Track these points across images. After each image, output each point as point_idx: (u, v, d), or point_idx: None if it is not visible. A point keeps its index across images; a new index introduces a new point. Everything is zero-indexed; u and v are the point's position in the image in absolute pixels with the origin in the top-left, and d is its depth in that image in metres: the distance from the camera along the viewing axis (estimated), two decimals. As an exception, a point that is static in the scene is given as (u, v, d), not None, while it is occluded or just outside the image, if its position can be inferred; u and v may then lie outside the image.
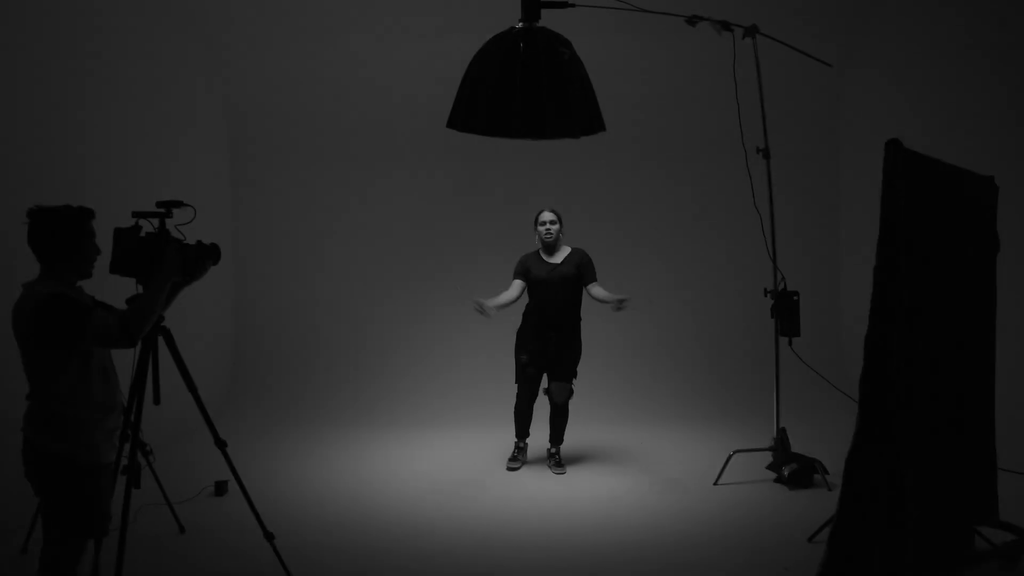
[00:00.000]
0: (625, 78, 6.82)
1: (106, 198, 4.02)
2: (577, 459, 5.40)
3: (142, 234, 3.09)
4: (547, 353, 5.05)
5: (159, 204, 3.20)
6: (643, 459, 5.42)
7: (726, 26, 4.79)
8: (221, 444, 3.38)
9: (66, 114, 4.92)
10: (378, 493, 4.77)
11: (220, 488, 4.68)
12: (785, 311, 4.81)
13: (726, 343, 7.03)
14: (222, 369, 6.85)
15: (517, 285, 5.15)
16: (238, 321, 7.06)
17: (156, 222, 3.16)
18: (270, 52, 6.90)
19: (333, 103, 6.99)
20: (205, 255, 3.19)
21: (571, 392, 5.13)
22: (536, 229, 5.18)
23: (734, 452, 4.98)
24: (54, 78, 4.81)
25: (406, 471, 5.21)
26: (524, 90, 4.18)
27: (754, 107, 4.98)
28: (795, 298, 4.81)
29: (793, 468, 4.77)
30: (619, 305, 4.95)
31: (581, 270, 5.11)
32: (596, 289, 5.11)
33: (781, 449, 4.92)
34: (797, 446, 5.09)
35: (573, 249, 5.19)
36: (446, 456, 5.55)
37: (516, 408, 5.20)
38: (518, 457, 5.24)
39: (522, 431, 5.23)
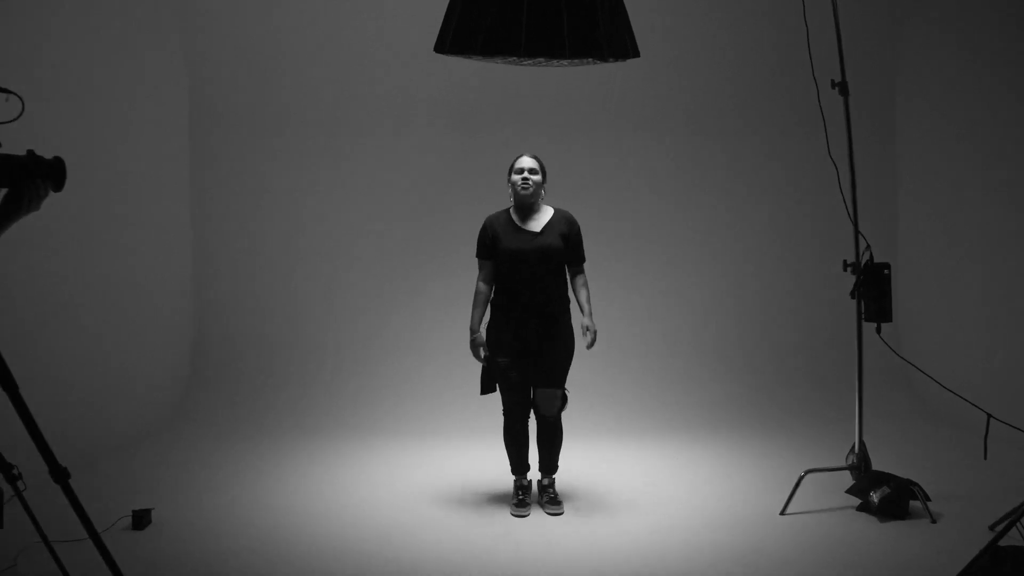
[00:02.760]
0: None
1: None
2: (584, 491, 4.23)
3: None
4: (529, 350, 3.88)
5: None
6: (681, 486, 4.27)
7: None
8: (60, 476, 2.27)
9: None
10: (353, 527, 3.71)
11: (140, 520, 3.62)
12: (873, 289, 3.76)
13: (787, 332, 5.82)
14: (179, 370, 5.87)
15: (487, 271, 3.93)
16: (199, 319, 6.05)
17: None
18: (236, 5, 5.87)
19: (307, 68, 5.96)
20: (38, 170, 2.15)
21: (565, 400, 3.90)
22: (509, 180, 3.94)
23: (805, 472, 3.90)
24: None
25: (389, 498, 4.15)
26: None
27: (827, 30, 3.95)
28: (886, 272, 3.76)
29: (885, 493, 3.71)
30: (588, 338, 3.89)
31: (567, 241, 3.92)
32: (579, 281, 3.95)
33: (864, 468, 3.89)
34: (881, 463, 4.05)
35: (556, 211, 3.95)
36: (435, 477, 4.49)
37: (506, 431, 3.97)
38: (525, 500, 3.96)
39: (520, 463, 3.99)
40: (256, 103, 5.97)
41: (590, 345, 3.92)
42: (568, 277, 3.98)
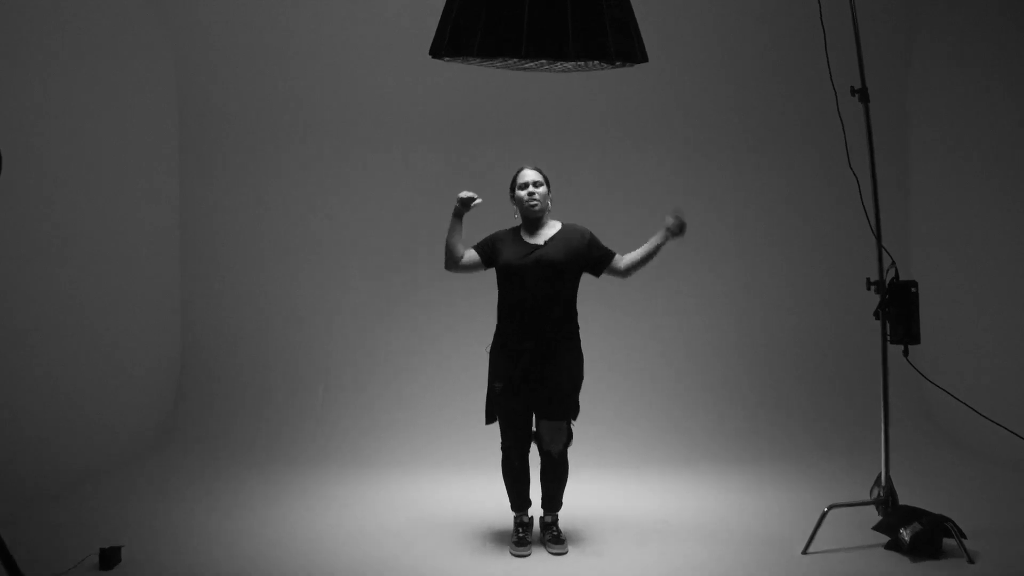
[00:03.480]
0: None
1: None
2: (590, 529, 3.92)
3: None
4: (530, 377, 3.57)
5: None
6: (696, 524, 3.97)
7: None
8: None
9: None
10: (344, 566, 3.43)
11: (108, 559, 3.33)
12: (899, 309, 3.50)
13: (805, 356, 5.52)
14: (161, 396, 5.59)
15: (470, 252, 3.66)
16: (185, 342, 5.79)
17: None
18: (229, 10, 5.68)
19: (300, 79, 5.74)
20: None
21: (570, 435, 3.61)
22: (514, 196, 3.67)
23: (829, 508, 3.61)
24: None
25: (380, 535, 3.86)
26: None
27: (841, 36, 3.74)
28: (913, 291, 3.51)
29: (916, 530, 3.43)
30: (675, 228, 3.57)
31: (580, 255, 3.60)
32: (626, 259, 3.64)
33: (892, 503, 3.61)
34: (909, 497, 3.78)
35: (564, 225, 3.68)
36: (430, 512, 4.20)
37: (505, 466, 3.65)
38: (525, 539, 3.64)
39: (521, 500, 3.69)
40: (248, 115, 5.76)
41: (676, 230, 3.58)
42: (617, 269, 3.65)
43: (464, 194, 3.61)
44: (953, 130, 5.48)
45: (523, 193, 3.64)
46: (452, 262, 3.65)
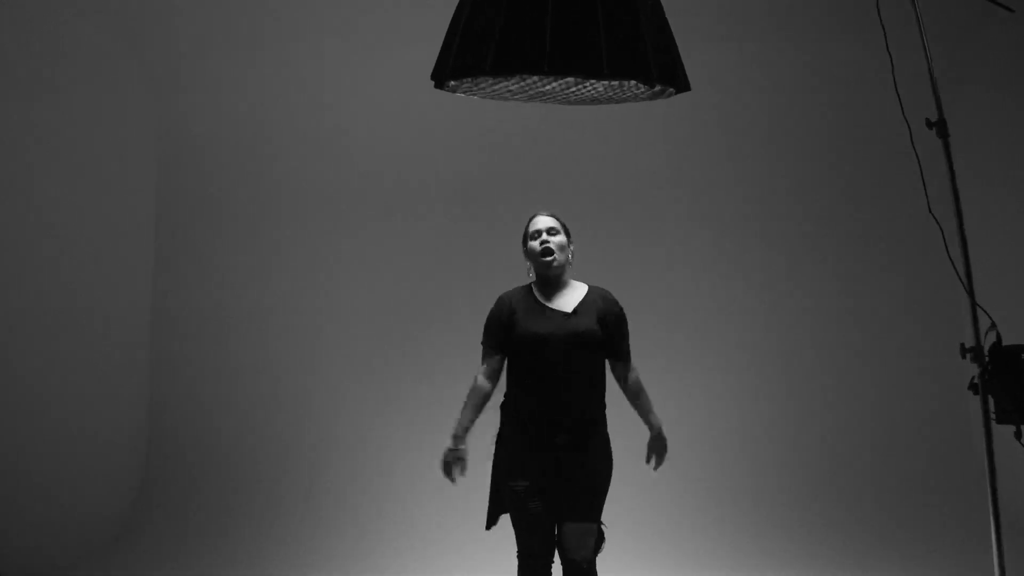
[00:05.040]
0: (705, 23, 4.83)
1: None
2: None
3: None
4: (556, 473, 2.97)
5: None
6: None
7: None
8: None
9: None
10: None
11: None
12: (1005, 380, 2.89)
13: (885, 439, 4.82)
14: (129, 482, 5.09)
15: (493, 366, 3.08)
16: (154, 422, 5.25)
17: None
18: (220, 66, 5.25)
19: (285, 138, 5.40)
20: None
21: (602, 539, 3.04)
22: (526, 248, 3.15)
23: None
24: None
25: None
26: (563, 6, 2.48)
27: (909, 62, 3.22)
28: (1023, 356, 2.90)
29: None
30: (656, 454, 3.17)
31: (607, 327, 3.08)
32: (631, 379, 3.13)
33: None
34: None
35: (591, 288, 3.17)
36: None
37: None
38: None
39: None
40: (228, 192, 5.41)
41: (657, 466, 3.17)
42: (618, 378, 3.16)
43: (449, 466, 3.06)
44: (1003, 174, 4.99)
45: (536, 244, 3.09)
46: (489, 396, 3.10)
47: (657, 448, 3.13)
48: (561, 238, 3.11)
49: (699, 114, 4.88)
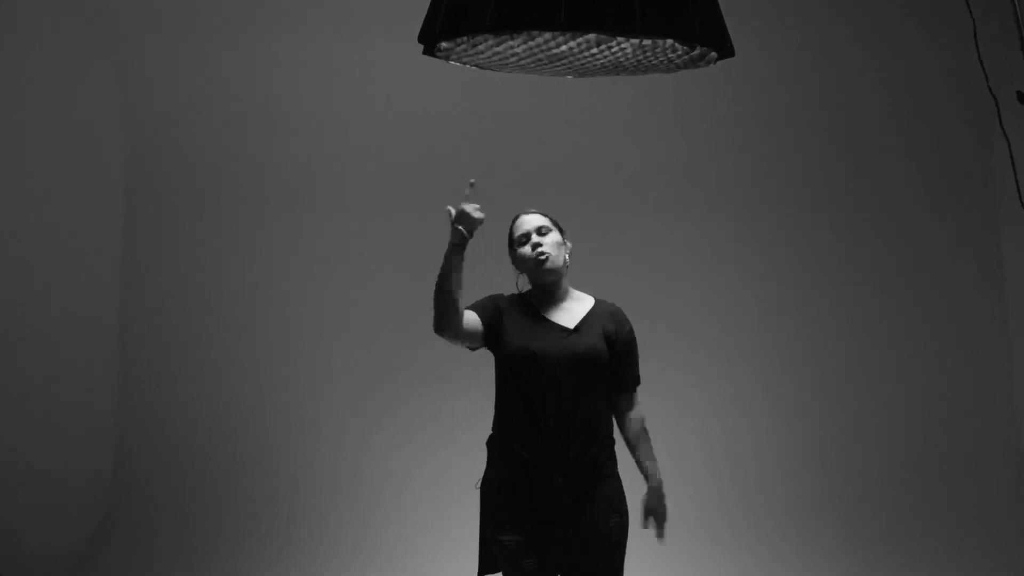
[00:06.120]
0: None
1: None
2: None
3: None
4: (554, 523, 2.43)
5: None
6: None
7: None
8: None
9: None
10: None
11: None
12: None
13: (954, 484, 4.46)
14: (93, 507, 4.77)
15: (469, 319, 2.46)
16: (122, 446, 4.90)
17: None
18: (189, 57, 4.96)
19: (261, 132, 5.02)
20: None
21: None
22: (515, 255, 2.60)
23: None
24: None
25: None
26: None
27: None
28: None
29: None
30: (655, 516, 2.55)
31: (614, 348, 2.54)
32: (632, 415, 2.57)
33: None
34: None
35: (598, 302, 2.63)
36: None
37: None
38: None
39: None
40: (196, 201, 5.04)
41: (660, 532, 2.54)
42: (617, 407, 2.59)
43: (468, 209, 2.43)
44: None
45: (526, 250, 2.54)
46: (449, 320, 2.42)
47: (656, 507, 2.53)
48: (555, 236, 2.56)
49: (744, 86, 4.44)
